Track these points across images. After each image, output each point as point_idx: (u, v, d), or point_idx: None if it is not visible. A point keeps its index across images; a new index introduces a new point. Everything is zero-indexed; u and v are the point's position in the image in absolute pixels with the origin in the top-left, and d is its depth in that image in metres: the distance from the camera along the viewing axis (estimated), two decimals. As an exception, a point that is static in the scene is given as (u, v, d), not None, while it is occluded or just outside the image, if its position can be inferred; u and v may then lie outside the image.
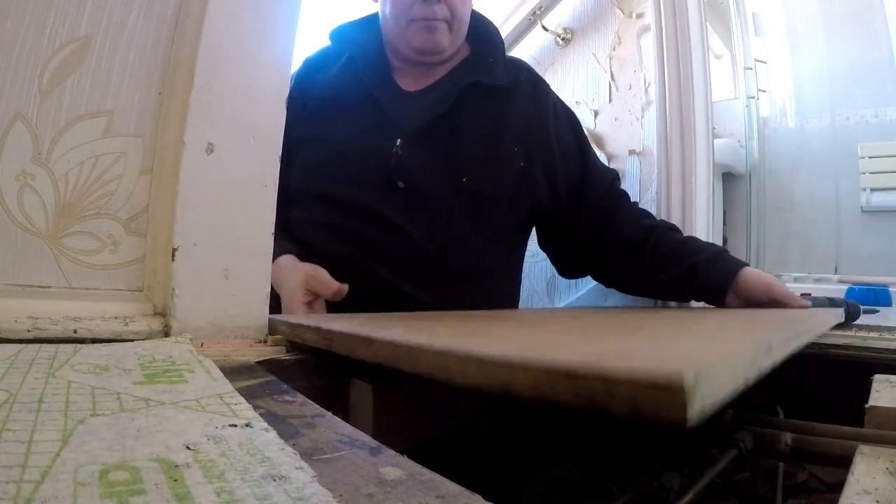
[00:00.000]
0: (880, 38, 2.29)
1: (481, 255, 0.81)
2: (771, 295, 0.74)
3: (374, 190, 0.77)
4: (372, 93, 0.82)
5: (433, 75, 0.87)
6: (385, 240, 0.76)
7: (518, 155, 0.83)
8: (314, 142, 0.82)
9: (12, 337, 0.37)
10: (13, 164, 0.40)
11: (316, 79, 0.87)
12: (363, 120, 0.81)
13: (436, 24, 0.80)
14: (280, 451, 0.22)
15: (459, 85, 0.81)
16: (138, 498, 0.17)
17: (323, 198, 0.79)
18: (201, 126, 0.43)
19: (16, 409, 0.24)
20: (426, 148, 0.78)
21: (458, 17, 0.82)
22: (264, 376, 0.36)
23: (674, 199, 1.16)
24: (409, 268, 0.76)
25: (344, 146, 0.80)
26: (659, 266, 0.82)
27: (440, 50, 0.84)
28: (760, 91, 2.59)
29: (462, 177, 0.79)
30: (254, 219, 0.46)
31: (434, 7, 0.80)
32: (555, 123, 0.89)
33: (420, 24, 0.81)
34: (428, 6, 0.79)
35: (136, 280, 0.44)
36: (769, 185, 2.53)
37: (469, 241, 0.80)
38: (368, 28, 0.88)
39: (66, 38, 0.42)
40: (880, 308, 1.45)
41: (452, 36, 0.83)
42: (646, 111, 1.22)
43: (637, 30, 1.24)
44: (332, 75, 0.85)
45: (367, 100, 0.82)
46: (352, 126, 0.81)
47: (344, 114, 0.82)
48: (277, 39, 0.48)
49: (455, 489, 0.21)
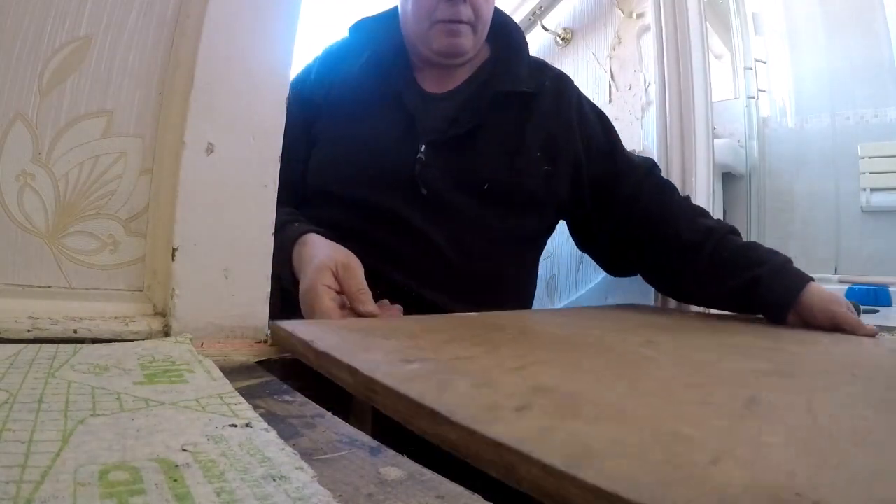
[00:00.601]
0: (880, 38, 2.29)
1: (503, 261, 0.80)
2: (835, 322, 0.67)
3: (396, 194, 0.75)
4: (396, 94, 0.80)
5: (454, 78, 0.85)
6: (406, 245, 0.74)
7: (542, 160, 0.81)
8: (335, 140, 0.80)
9: (12, 337, 0.37)
10: (13, 164, 0.40)
11: (337, 71, 0.84)
12: (387, 122, 0.79)
13: (459, 27, 0.79)
14: (280, 451, 0.22)
15: (485, 94, 0.80)
16: (138, 498, 0.17)
17: (342, 198, 0.77)
18: (201, 126, 0.43)
19: (16, 409, 0.24)
20: (449, 156, 0.77)
21: (481, 19, 0.80)
22: (264, 376, 0.36)
23: (674, 199, 1.16)
24: (430, 274, 0.74)
25: (367, 148, 0.78)
26: (717, 274, 0.76)
27: (462, 53, 0.82)
28: (760, 91, 2.59)
29: (484, 184, 0.77)
30: (254, 219, 0.46)
31: (459, 8, 0.77)
32: (580, 120, 0.86)
33: (443, 27, 0.79)
34: (453, 7, 0.77)
35: (136, 280, 0.44)
36: (769, 185, 2.53)
37: (491, 248, 0.78)
38: (389, 24, 0.86)
39: (66, 38, 0.42)
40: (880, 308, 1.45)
41: (475, 38, 0.82)
42: (646, 111, 1.22)
43: (637, 30, 1.24)
44: (354, 72, 0.83)
45: (390, 101, 0.80)
46: (375, 127, 0.79)
47: (367, 113, 0.80)
48: (278, 39, 0.48)
49: (455, 489, 0.21)
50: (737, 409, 0.29)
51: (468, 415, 0.24)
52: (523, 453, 0.21)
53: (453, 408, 0.25)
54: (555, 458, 0.20)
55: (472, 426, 0.23)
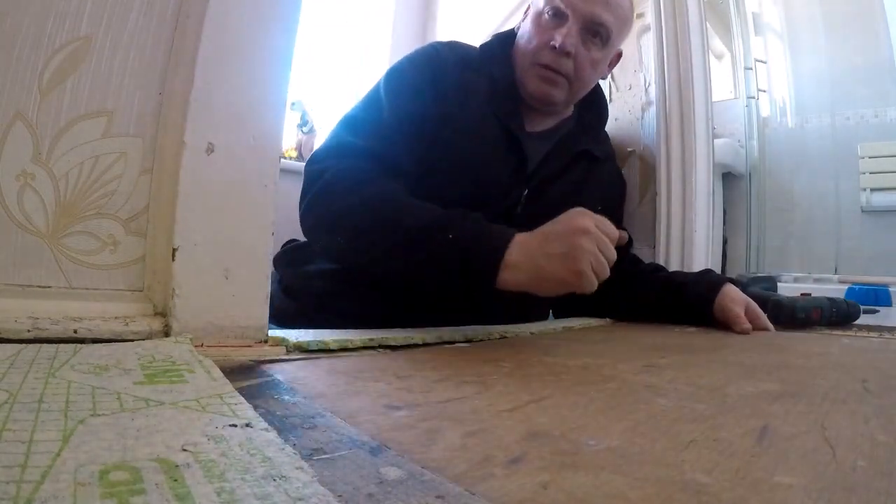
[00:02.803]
0: (880, 38, 2.29)
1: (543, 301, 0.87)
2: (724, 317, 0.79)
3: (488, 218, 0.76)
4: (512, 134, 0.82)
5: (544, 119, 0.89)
6: None
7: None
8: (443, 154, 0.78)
9: (12, 337, 0.37)
10: (13, 164, 0.40)
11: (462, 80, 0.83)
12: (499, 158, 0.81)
13: (556, 77, 0.81)
14: (280, 451, 0.22)
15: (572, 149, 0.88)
16: (138, 498, 0.17)
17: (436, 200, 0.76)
18: (201, 126, 0.43)
19: (16, 409, 0.24)
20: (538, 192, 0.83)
21: (580, 79, 0.83)
22: (264, 376, 0.36)
23: (674, 199, 1.17)
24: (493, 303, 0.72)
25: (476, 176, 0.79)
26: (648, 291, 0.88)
27: (553, 102, 0.84)
28: (760, 91, 2.59)
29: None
30: (254, 219, 0.46)
31: (561, 60, 0.79)
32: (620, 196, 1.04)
33: (541, 71, 0.81)
34: (555, 56, 0.79)
35: (137, 280, 0.44)
36: (769, 185, 2.53)
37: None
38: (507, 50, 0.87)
39: (66, 38, 0.42)
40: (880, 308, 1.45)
41: (569, 94, 0.84)
42: (646, 111, 1.22)
43: (637, 30, 1.24)
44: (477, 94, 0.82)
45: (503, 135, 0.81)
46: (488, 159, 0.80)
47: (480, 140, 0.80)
48: (278, 39, 0.48)
49: (455, 489, 0.21)
50: (748, 445, 0.28)
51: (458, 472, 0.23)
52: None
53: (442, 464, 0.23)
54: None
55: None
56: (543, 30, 0.80)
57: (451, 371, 0.43)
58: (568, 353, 0.55)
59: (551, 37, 0.79)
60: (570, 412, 0.33)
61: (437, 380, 0.39)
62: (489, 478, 0.22)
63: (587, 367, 0.47)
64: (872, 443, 0.29)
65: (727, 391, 0.40)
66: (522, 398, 0.35)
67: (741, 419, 0.32)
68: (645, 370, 0.46)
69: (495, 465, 0.24)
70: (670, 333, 0.76)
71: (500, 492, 0.21)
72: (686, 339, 0.72)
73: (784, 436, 0.29)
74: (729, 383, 0.42)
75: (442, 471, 0.23)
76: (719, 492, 0.22)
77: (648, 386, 0.41)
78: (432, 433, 0.27)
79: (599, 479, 0.23)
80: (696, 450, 0.27)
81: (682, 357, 0.55)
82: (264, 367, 0.40)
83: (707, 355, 0.57)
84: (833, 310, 0.89)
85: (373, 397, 0.34)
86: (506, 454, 0.25)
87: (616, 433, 0.29)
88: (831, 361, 0.55)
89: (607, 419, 0.31)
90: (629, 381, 0.42)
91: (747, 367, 0.50)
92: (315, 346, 0.47)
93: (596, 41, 0.81)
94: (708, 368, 0.49)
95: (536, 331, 0.71)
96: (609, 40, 0.82)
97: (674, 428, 0.30)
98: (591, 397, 0.36)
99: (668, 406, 0.35)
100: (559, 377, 0.42)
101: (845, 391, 0.41)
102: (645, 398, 0.37)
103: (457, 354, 0.51)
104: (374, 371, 0.42)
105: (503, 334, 0.65)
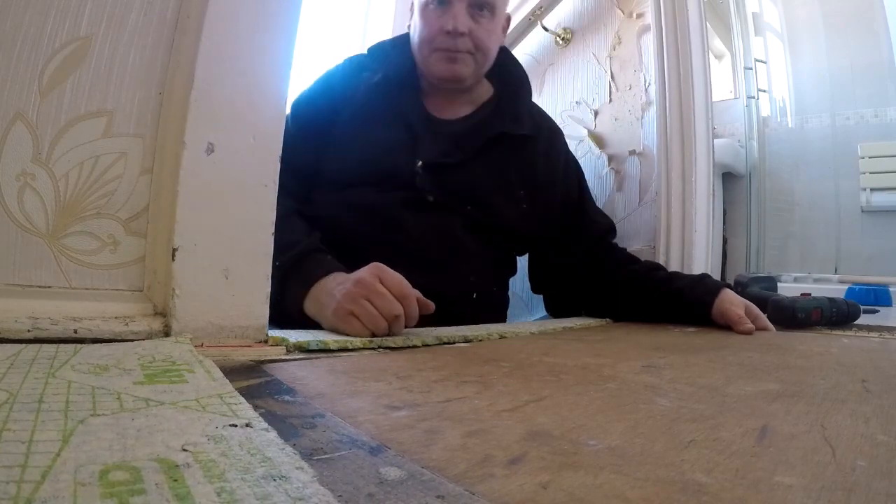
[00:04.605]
0: (880, 38, 2.29)
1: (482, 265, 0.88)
2: (724, 319, 0.80)
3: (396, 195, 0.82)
4: (404, 115, 0.87)
5: (459, 107, 0.93)
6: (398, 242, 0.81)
7: (522, 198, 0.90)
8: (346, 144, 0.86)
9: (12, 337, 0.37)
10: (13, 164, 0.40)
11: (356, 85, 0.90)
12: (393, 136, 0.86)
13: (457, 54, 0.86)
14: (280, 451, 0.22)
15: (485, 132, 0.88)
16: (139, 498, 0.17)
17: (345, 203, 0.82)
18: (201, 126, 0.43)
19: (16, 409, 0.24)
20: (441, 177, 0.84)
21: (482, 50, 0.87)
22: (264, 376, 0.36)
23: (674, 199, 1.17)
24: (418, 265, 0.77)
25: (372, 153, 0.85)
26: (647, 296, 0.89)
27: (461, 80, 0.88)
28: (760, 91, 2.59)
29: (467, 205, 0.86)
30: (254, 219, 0.46)
31: (458, 40, 0.84)
32: (564, 174, 0.97)
33: (442, 54, 0.86)
34: (451, 39, 0.84)
35: (137, 280, 0.44)
36: (769, 185, 2.53)
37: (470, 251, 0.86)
38: (403, 49, 0.93)
39: (66, 38, 0.42)
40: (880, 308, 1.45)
41: (475, 67, 0.88)
42: (646, 111, 1.22)
43: (637, 30, 1.24)
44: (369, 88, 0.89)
45: (398, 119, 0.87)
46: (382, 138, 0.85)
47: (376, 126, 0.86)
48: (278, 40, 0.48)
49: (455, 489, 0.21)
50: (748, 445, 0.28)
51: (457, 472, 0.22)
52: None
53: (441, 464, 0.23)
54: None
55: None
56: (434, 18, 0.85)
57: (451, 371, 0.43)
58: (568, 353, 0.55)
59: (443, 23, 0.84)
60: (570, 412, 0.32)
61: (437, 380, 0.39)
62: (489, 478, 0.22)
63: (587, 367, 0.47)
64: (872, 443, 0.29)
65: (727, 391, 0.40)
66: (522, 398, 0.35)
67: (741, 419, 0.32)
68: (645, 370, 0.46)
69: (495, 465, 0.23)
70: (670, 333, 0.76)
71: (499, 492, 0.21)
72: (686, 339, 0.72)
73: (784, 436, 0.29)
74: (729, 383, 0.42)
75: (442, 471, 0.23)
76: (719, 492, 0.22)
77: (648, 386, 0.40)
78: (432, 433, 0.27)
79: (599, 479, 0.23)
80: (696, 450, 0.26)
81: (682, 357, 0.55)
82: (264, 367, 0.40)
83: (707, 355, 0.57)
84: (833, 310, 0.89)
85: (373, 397, 0.34)
86: (506, 454, 0.25)
87: (616, 433, 0.29)
88: (831, 361, 0.55)
89: (607, 419, 0.31)
90: (629, 381, 0.42)
91: (747, 367, 0.50)
92: (315, 346, 0.48)
93: (484, 13, 0.86)
94: (708, 368, 0.49)
95: (536, 331, 0.72)
96: (495, 9, 0.87)
97: (674, 428, 0.30)
98: (591, 397, 0.36)
99: (668, 406, 0.35)
100: (559, 377, 0.42)
101: (845, 391, 0.41)
102: (645, 398, 0.37)
103: (457, 354, 0.51)
104: (374, 371, 0.42)
105: (503, 334, 0.65)
